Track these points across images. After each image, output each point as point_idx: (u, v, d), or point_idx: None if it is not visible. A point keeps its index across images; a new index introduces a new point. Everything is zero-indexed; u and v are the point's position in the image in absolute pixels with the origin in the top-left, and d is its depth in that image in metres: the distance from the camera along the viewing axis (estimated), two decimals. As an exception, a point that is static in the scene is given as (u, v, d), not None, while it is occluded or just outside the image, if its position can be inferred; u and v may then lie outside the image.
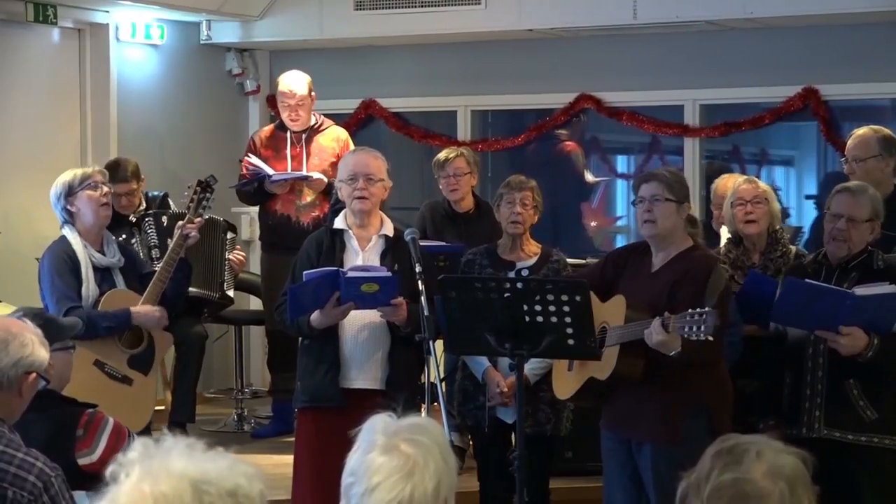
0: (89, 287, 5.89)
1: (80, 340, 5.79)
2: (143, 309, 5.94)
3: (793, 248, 6.03)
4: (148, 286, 6.07)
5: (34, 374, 3.76)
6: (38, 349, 3.77)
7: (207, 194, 6.37)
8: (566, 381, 5.36)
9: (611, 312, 5.10)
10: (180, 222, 6.27)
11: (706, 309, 4.71)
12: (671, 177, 5.19)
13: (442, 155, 7.43)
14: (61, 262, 5.88)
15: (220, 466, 2.18)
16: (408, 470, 2.58)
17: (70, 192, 5.94)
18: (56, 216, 6.14)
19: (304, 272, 5.47)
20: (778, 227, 6.05)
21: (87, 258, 5.89)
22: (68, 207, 5.94)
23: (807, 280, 5.17)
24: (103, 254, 5.97)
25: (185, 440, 2.21)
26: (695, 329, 4.70)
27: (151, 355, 6.03)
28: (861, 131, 6.26)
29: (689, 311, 4.73)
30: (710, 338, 4.72)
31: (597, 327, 5.08)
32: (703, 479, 2.49)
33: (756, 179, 6.19)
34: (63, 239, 5.94)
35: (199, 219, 6.36)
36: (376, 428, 2.63)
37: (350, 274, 5.40)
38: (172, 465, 2.16)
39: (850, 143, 6.25)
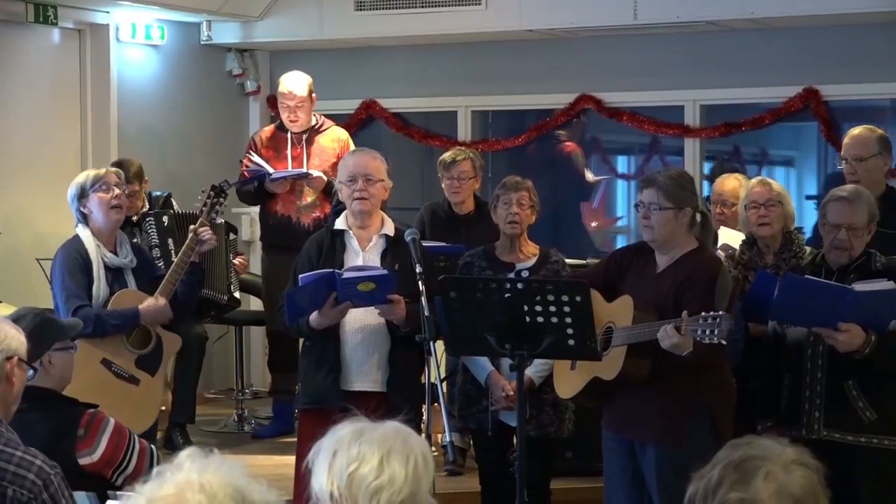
0: (100, 287, 5.89)
1: (88, 339, 5.82)
2: (148, 303, 5.93)
3: (808, 248, 5.97)
4: (158, 288, 6.05)
5: (15, 359, 3.77)
6: (11, 333, 3.80)
7: (221, 199, 6.37)
8: (569, 381, 5.35)
9: (617, 312, 5.09)
10: (192, 226, 6.25)
11: (720, 313, 4.71)
12: (669, 182, 5.13)
13: (448, 156, 7.40)
14: (73, 260, 5.89)
15: (264, 486, 2.32)
16: (405, 436, 2.72)
17: (82, 193, 5.97)
18: (72, 215, 6.17)
19: (301, 275, 5.47)
20: (793, 227, 6.02)
21: (99, 258, 5.90)
22: (81, 209, 5.97)
23: (805, 276, 5.17)
24: (116, 254, 5.98)
25: (233, 460, 2.32)
26: (708, 332, 4.69)
27: (159, 356, 6.02)
28: (858, 131, 6.28)
29: (703, 314, 4.72)
30: (724, 342, 4.72)
31: (603, 327, 5.08)
32: (711, 492, 2.49)
33: (770, 181, 6.09)
34: (77, 238, 5.96)
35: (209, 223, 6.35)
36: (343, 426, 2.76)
37: (346, 275, 5.40)
38: (222, 468, 2.28)
39: (848, 143, 6.25)
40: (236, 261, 7.83)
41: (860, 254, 5.22)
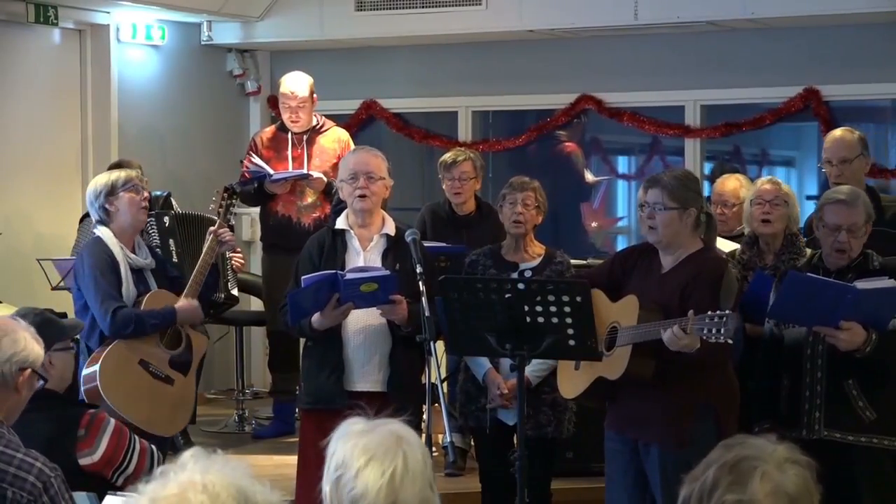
0: (129, 287, 5.88)
1: (126, 339, 5.81)
2: (184, 304, 5.95)
3: (808, 251, 5.96)
4: (184, 290, 6.05)
5: (29, 371, 3.77)
6: (31, 345, 3.78)
7: (234, 200, 6.42)
8: (573, 381, 5.34)
9: (622, 312, 5.08)
10: (212, 228, 6.27)
11: (727, 312, 4.70)
12: (674, 182, 5.10)
13: (449, 156, 7.41)
14: (102, 261, 5.84)
15: (267, 487, 2.33)
16: (394, 441, 2.64)
17: (112, 191, 5.92)
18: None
19: (303, 277, 5.47)
20: (796, 230, 6.02)
21: (124, 259, 5.88)
22: (107, 206, 5.91)
23: (808, 274, 5.17)
24: (136, 255, 5.97)
25: (236, 461, 2.33)
26: (714, 331, 4.68)
27: (190, 356, 6.04)
28: (840, 134, 6.37)
29: (710, 312, 4.71)
30: (730, 340, 4.71)
31: (607, 326, 5.08)
32: (706, 494, 2.49)
33: (780, 182, 6.11)
34: (99, 239, 5.90)
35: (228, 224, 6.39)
36: (350, 423, 2.70)
37: (349, 276, 5.40)
38: (225, 468, 2.30)
39: (833, 146, 6.31)
40: (233, 260, 7.80)
41: (857, 254, 5.23)
